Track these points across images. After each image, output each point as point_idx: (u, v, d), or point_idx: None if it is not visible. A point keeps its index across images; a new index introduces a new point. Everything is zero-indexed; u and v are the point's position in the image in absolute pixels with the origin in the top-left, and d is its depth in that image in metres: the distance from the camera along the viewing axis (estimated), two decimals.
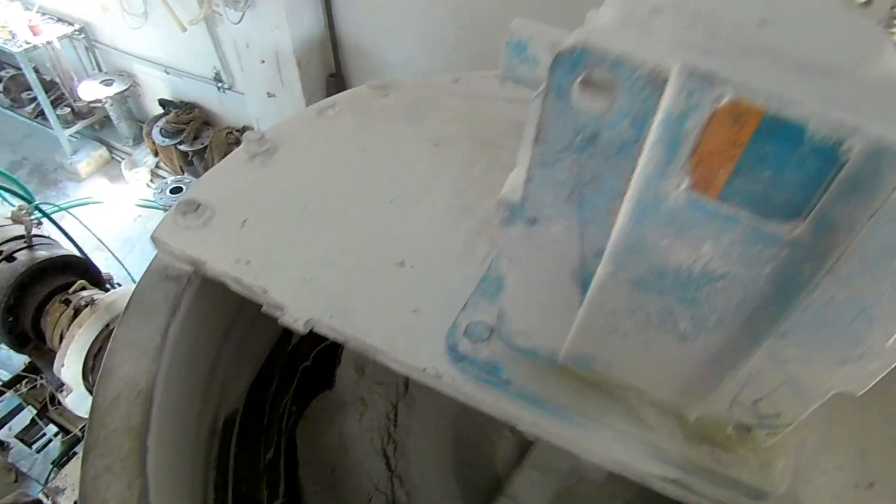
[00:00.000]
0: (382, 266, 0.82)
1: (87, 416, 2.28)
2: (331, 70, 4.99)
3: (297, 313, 0.76)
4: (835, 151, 0.37)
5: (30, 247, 2.45)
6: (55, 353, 2.41)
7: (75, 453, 4.00)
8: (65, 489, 2.54)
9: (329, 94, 4.75)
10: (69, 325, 2.20)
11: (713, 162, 0.40)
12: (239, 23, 4.48)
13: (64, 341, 2.15)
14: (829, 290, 0.44)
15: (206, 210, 0.87)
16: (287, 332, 1.17)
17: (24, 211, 2.58)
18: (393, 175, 0.95)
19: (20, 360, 3.75)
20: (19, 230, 2.51)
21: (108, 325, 2.22)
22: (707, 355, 0.56)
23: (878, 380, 0.50)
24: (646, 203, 0.46)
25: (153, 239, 0.87)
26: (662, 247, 0.48)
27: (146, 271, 0.93)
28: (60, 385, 2.44)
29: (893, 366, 0.49)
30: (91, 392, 2.29)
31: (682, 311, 0.54)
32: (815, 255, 0.43)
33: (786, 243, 0.43)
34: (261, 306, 0.80)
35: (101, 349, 2.19)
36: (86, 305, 2.22)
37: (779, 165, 0.39)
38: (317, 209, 0.88)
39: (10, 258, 2.37)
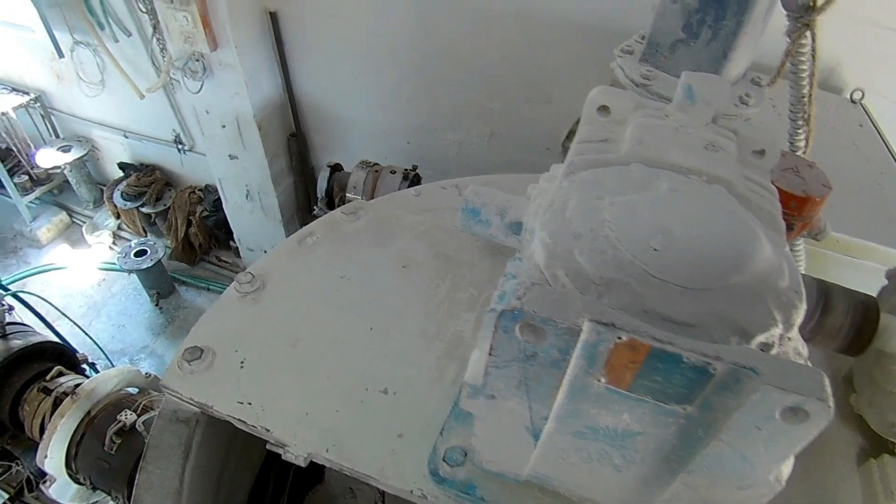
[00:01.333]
0: (369, 394, 0.94)
1: (71, 502, 2.31)
2: (291, 130, 5.13)
3: (298, 449, 0.88)
4: (705, 369, 0.51)
5: (3, 336, 2.49)
6: (34, 440, 2.44)
7: None
8: None
9: (290, 154, 4.89)
10: (51, 415, 2.25)
11: (620, 370, 0.55)
12: (199, 92, 4.59)
13: (46, 432, 2.20)
14: (718, 446, 0.59)
15: (208, 354, 0.98)
16: None
17: None
18: (370, 302, 1.07)
19: None
20: None
21: (89, 412, 2.27)
22: (638, 481, 0.70)
23: (766, 501, 0.65)
24: (576, 389, 0.60)
25: (162, 386, 0.98)
26: (592, 414, 0.62)
27: (159, 414, 1.03)
28: (43, 475, 2.47)
29: (777, 490, 0.64)
30: (75, 479, 2.32)
31: (615, 452, 0.67)
32: (704, 424, 0.57)
33: (681, 416, 0.58)
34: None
35: (83, 436, 2.24)
36: (66, 394, 2.27)
37: (667, 375, 0.53)
38: (307, 342, 1.00)
39: None
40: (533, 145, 4.24)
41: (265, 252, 5.85)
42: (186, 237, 6.23)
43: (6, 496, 3.30)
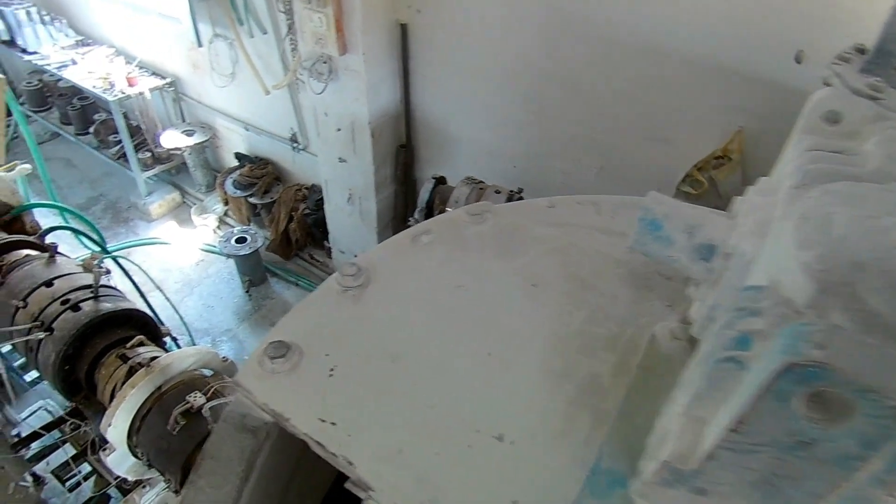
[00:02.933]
0: (479, 439, 0.71)
1: (126, 475, 2.18)
2: (401, 141, 5.05)
3: (384, 498, 0.66)
4: None
5: (95, 297, 2.43)
6: (104, 405, 2.36)
7: (107, 496, 3.92)
8: None
9: (397, 164, 4.79)
10: (122, 384, 2.15)
11: None
12: (321, 93, 4.57)
13: (115, 400, 2.09)
14: None
15: (295, 353, 0.78)
16: None
17: (96, 261, 2.58)
18: (489, 321, 0.85)
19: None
20: (88, 279, 2.50)
21: (160, 388, 2.15)
22: None
23: None
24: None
25: (235, 384, 0.79)
26: None
27: (224, 417, 0.84)
28: (104, 442, 2.37)
29: None
30: (133, 453, 2.21)
31: None
32: None
33: None
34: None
35: (149, 411, 2.12)
36: (140, 365, 2.16)
37: None
38: (409, 359, 0.79)
39: (75, 307, 2.35)
40: (643, 184, 3.92)
41: (355, 256, 5.77)
42: (286, 231, 6.26)
43: (73, 452, 3.29)
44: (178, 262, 6.60)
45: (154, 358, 2.18)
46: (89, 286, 2.45)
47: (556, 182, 4.40)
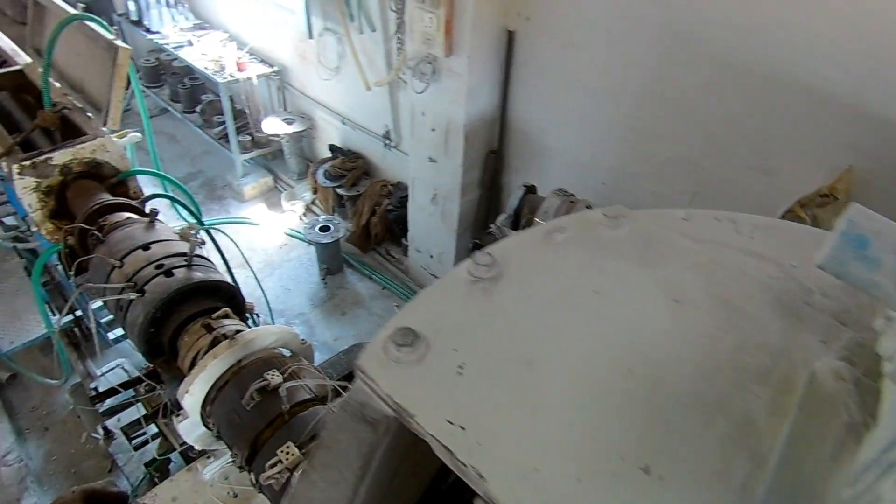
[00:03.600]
0: (624, 469, 0.60)
1: (194, 444, 2.17)
2: (492, 147, 4.95)
3: None
4: None
5: (188, 266, 2.45)
6: (182, 372, 2.36)
7: (169, 460, 3.99)
8: None
9: (485, 169, 4.69)
10: (205, 353, 2.14)
11: None
12: (421, 93, 4.55)
13: (195, 368, 2.08)
14: None
15: (422, 344, 0.69)
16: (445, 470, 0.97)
17: (193, 231, 2.61)
18: (630, 334, 0.73)
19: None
20: (183, 247, 2.53)
21: (239, 361, 2.13)
22: None
23: None
24: None
25: (357, 367, 0.70)
26: None
27: (342, 405, 0.76)
28: (176, 407, 2.38)
29: None
30: (205, 423, 2.20)
31: None
32: None
33: None
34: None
35: (226, 383, 2.10)
36: (224, 337, 2.15)
37: None
38: (545, 365, 0.68)
39: (168, 273, 2.37)
40: None
41: (431, 257, 5.80)
42: (367, 225, 6.29)
43: (144, 412, 3.35)
44: (262, 244, 6.74)
45: (238, 331, 2.16)
46: (184, 254, 2.47)
47: (645, 203, 4.20)
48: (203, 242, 2.75)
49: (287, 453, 1.85)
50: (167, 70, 8.19)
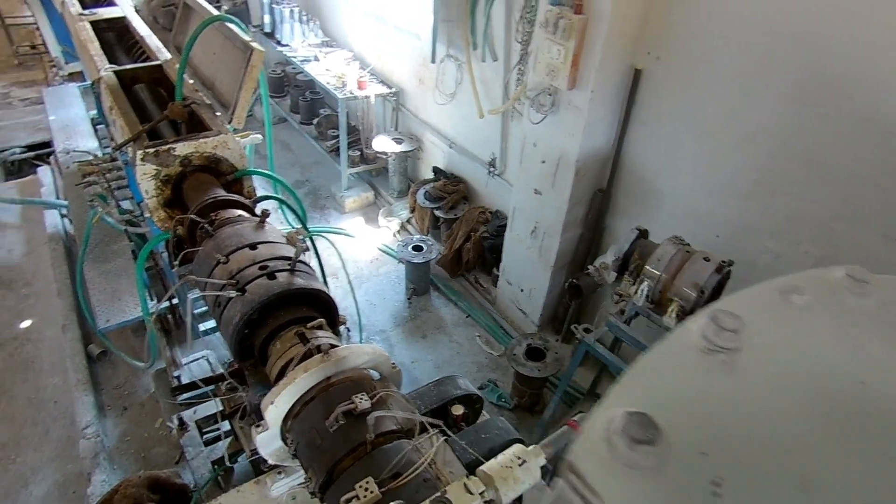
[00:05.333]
0: None
1: (268, 457, 1.98)
2: (601, 186, 4.66)
3: None
4: None
5: (291, 270, 2.31)
6: (268, 376, 2.22)
7: (235, 462, 3.88)
8: None
9: (591, 208, 4.38)
10: (296, 364, 1.97)
11: None
12: (537, 123, 4.33)
13: (284, 380, 1.91)
14: None
15: (662, 440, 0.44)
16: None
17: (300, 237, 2.48)
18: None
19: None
20: (289, 251, 2.40)
21: (328, 378, 1.95)
22: None
23: None
24: None
25: (570, 467, 0.46)
26: None
27: None
28: (255, 414, 2.23)
29: None
30: (283, 437, 2.02)
31: None
32: None
33: None
34: None
35: (311, 399, 1.92)
36: (319, 350, 1.98)
37: None
38: (827, 490, 0.43)
39: (271, 275, 2.24)
40: None
41: (521, 290, 5.51)
42: (459, 250, 6.10)
43: (220, 408, 3.25)
44: (355, 256, 6.69)
45: (332, 346, 1.98)
46: (288, 258, 2.34)
47: (761, 262, 3.77)
48: (307, 249, 2.62)
49: (366, 490, 1.64)
50: (291, 82, 8.43)
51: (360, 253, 6.74)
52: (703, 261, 3.27)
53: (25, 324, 5.49)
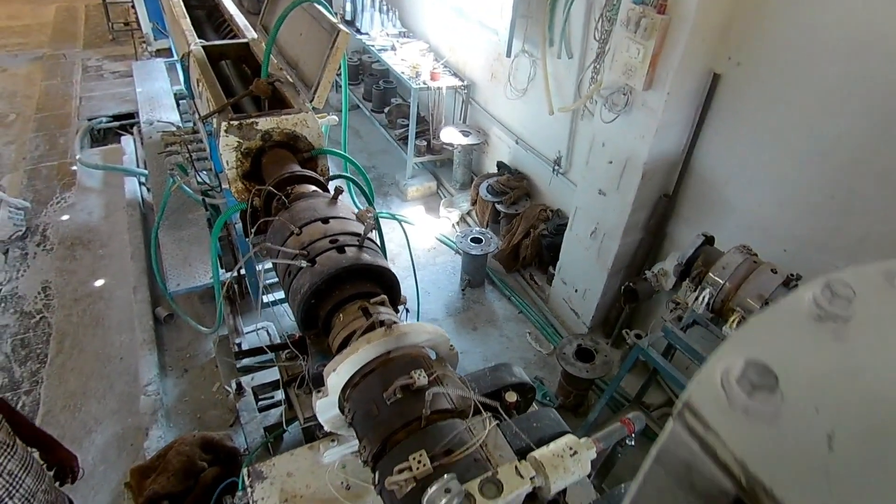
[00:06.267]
0: None
1: (325, 424, 2.05)
2: (667, 190, 4.55)
3: None
4: None
5: (360, 246, 2.37)
6: (330, 348, 2.28)
7: (284, 432, 4.00)
8: (265, 478, 2.39)
9: (654, 212, 4.29)
10: (359, 335, 2.03)
11: None
12: (610, 122, 4.28)
13: (347, 349, 1.97)
14: None
15: (779, 393, 0.45)
16: None
17: (370, 214, 2.54)
18: None
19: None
20: (358, 228, 2.47)
21: (389, 352, 1.99)
22: None
23: None
24: None
25: (689, 407, 0.47)
26: None
27: (658, 455, 0.53)
28: (314, 383, 2.30)
29: None
30: (341, 406, 2.08)
31: None
32: None
33: None
34: None
35: (372, 371, 1.97)
36: (382, 324, 2.03)
37: None
38: None
39: (341, 249, 2.31)
40: None
41: (576, 291, 5.45)
42: (517, 245, 6.09)
43: (278, 377, 3.37)
44: (413, 243, 6.75)
45: (394, 322, 2.03)
46: (358, 234, 2.41)
47: None
48: (375, 226, 2.68)
49: (419, 461, 1.68)
50: (366, 70, 8.58)
51: (418, 241, 6.81)
52: (771, 272, 3.17)
53: (99, 283, 5.81)
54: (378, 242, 3.22)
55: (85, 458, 4.18)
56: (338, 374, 1.95)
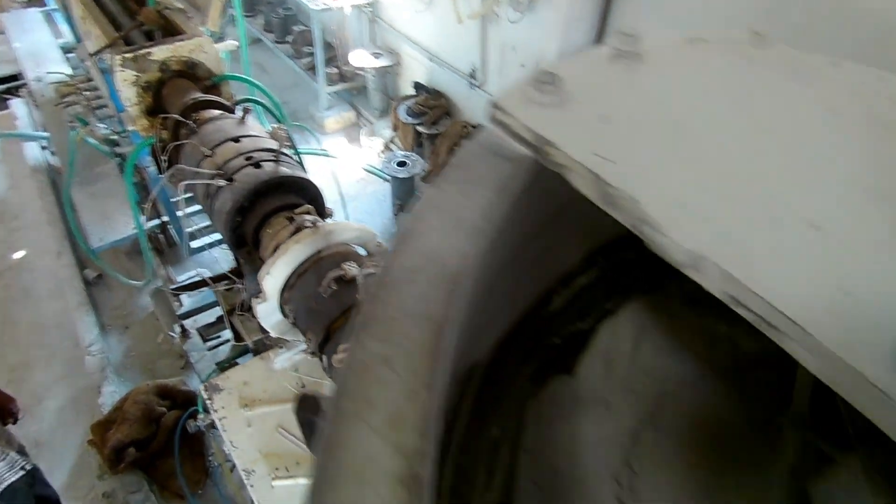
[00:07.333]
0: (787, 219, 0.53)
1: (270, 329, 2.22)
2: None
3: (682, 239, 0.50)
4: None
5: (276, 161, 2.47)
6: (263, 261, 2.41)
7: (237, 363, 4.15)
8: (222, 390, 2.55)
9: None
10: (287, 239, 2.16)
11: None
12: (515, 22, 4.40)
13: (278, 251, 2.10)
14: None
15: (563, 88, 0.63)
16: (550, 294, 0.93)
17: (282, 130, 2.63)
18: (786, 130, 0.66)
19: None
20: (272, 145, 2.55)
21: (319, 252, 2.14)
22: None
23: None
24: None
25: (491, 105, 0.65)
26: None
27: (470, 142, 0.72)
28: (258, 291, 2.44)
29: None
30: (282, 310, 2.24)
31: None
32: None
33: None
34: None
35: (305, 271, 2.12)
36: (307, 227, 2.17)
37: None
38: (693, 132, 0.61)
39: (257, 165, 2.40)
40: None
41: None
42: (444, 165, 6.23)
43: (222, 312, 3.48)
44: (340, 177, 6.80)
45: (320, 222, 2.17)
46: (273, 150, 2.49)
47: None
48: (289, 139, 2.77)
49: None
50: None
51: (345, 174, 6.85)
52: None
53: (19, 255, 5.65)
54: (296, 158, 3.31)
55: (41, 427, 4.23)
56: (273, 277, 2.10)
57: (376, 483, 0.40)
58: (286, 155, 2.58)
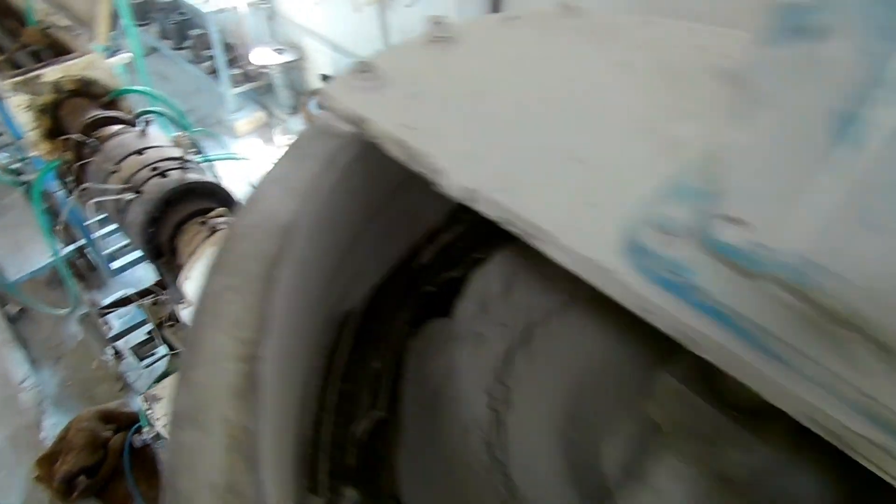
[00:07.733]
0: (555, 156, 0.69)
1: None
2: None
3: (459, 178, 0.66)
4: None
5: (182, 168, 2.54)
6: (182, 268, 2.48)
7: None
8: (161, 399, 2.61)
9: None
10: (202, 242, 2.25)
11: None
12: (410, 6, 4.52)
13: (194, 256, 2.19)
14: None
15: (380, 75, 0.78)
16: (418, 249, 1.08)
17: (185, 136, 2.69)
18: (576, 87, 0.83)
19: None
20: (176, 153, 2.61)
21: None
22: None
23: None
24: None
25: (320, 92, 0.80)
26: None
27: (307, 127, 0.87)
28: (181, 298, 2.51)
29: None
30: None
31: None
32: None
33: None
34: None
35: None
36: (222, 228, 2.25)
37: None
38: (492, 98, 0.78)
39: (163, 174, 2.47)
40: None
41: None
42: None
43: (152, 327, 3.50)
44: (254, 179, 6.77)
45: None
46: (178, 158, 2.56)
47: None
48: (195, 147, 2.83)
49: None
50: (153, 6, 8.07)
51: (260, 174, 6.82)
52: None
53: None
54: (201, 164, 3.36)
55: None
56: (192, 280, 2.18)
57: (224, 362, 0.56)
58: (193, 162, 2.65)
